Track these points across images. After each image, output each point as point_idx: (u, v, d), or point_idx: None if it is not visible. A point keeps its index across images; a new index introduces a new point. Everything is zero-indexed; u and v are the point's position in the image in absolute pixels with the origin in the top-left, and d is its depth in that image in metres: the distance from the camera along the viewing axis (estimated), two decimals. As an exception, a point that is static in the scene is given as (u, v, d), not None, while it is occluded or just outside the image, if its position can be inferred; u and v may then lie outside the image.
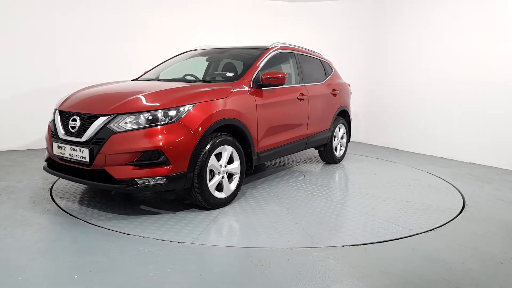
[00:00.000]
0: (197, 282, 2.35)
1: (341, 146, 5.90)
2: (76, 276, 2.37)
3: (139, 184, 3.15)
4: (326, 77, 5.59)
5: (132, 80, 4.69)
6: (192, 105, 3.37)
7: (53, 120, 3.62)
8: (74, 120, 3.37)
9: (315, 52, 5.64)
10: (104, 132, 3.17)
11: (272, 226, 3.27)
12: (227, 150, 3.63)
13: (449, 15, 6.27)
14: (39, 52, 6.11)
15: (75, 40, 6.36)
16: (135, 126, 3.16)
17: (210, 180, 3.49)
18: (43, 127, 6.27)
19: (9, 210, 3.48)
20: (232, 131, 3.77)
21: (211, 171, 3.52)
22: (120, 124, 3.16)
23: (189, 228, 3.16)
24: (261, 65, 4.26)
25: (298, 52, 5.11)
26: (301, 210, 3.69)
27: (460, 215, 3.67)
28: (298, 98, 4.72)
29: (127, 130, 3.14)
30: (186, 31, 7.15)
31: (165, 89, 3.59)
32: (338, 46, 7.90)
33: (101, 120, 3.21)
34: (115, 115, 3.20)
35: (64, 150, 3.37)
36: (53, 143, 3.48)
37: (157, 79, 4.58)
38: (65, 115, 3.50)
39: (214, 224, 3.27)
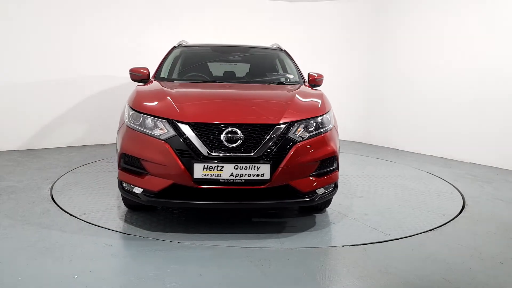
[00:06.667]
0: (197, 282, 2.35)
1: None
2: (76, 276, 2.37)
3: (320, 195, 3.02)
4: None
5: (155, 78, 4.03)
6: (330, 108, 3.36)
7: (181, 136, 2.82)
8: (233, 132, 2.81)
9: None
10: (285, 143, 2.86)
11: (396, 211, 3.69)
12: None
13: (450, 15, 6.27)
14: (39, 53, 6.09)
15: (75, 41, 6.37)
16: (308, 134, 2.98)
17: None
18: (43, 127, 6.35)
19: (9, 210, 3.47)
20: None
21: None
22: (297, 133, 2.94)
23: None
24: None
25: None
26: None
27: (460, 215, 3.67)
28: None
29: (305, 139, 2.94)
30: (185, 30, 7.14)
31: (296, 93, 3.42)
32: (337, 46, 7.90)
33: (278, 130, 2.87)
34: (289, 123, 2.93)
35: (222, 170, 2.75)
36: (194, 165, 2.76)
37: (206, 80, 4.17)
38: (205, 128, 2.84)
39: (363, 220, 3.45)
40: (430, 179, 4.99)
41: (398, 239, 3.08)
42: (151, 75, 4.11)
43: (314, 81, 4.16)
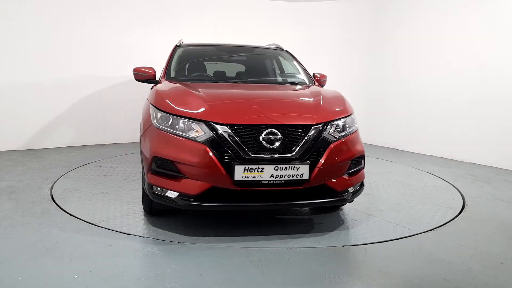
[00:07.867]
0: (197, 282, 2.35)
1: None
2: (76, 276, 2.37)
3: (351, 193, 3.07)
4: None
5: (166, 79, 3.82)
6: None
7: (219, 138, 2.75)
8: (273, 133, 2.78)
9: None
10: (321, 143, 2.88)
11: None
12: None
13: (450, 15, 6.26)
14: (39, 53, 6.10)
15: (75, 41, 6.37)
16: (339, 134, 3.02)
17: None
18: (43, 127, 6.34)
19: (9, 210, 3.48)
20: None
21: None
22: (331, 133, 2.96)
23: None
24: None
25: None
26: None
27: (460, 215, 3.67)
28: None
29: (338, 138, 2.97)
30: (185, 30, 7.14)
31: (320, 93, 3.43)
32: (337, 46, 7.90)
33: (315, 130, 2.88)
34: (324, 123, 2.95)
35: (262, 172, 2.73)
36: (235, 167, 2.70)
37: (219, 80, 4.11)
38: (244, 129, 2.78)
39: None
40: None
41: (398, 239, 3.08)
42: (157, 74, 3.95)
43: (319, 82, 4.18)
